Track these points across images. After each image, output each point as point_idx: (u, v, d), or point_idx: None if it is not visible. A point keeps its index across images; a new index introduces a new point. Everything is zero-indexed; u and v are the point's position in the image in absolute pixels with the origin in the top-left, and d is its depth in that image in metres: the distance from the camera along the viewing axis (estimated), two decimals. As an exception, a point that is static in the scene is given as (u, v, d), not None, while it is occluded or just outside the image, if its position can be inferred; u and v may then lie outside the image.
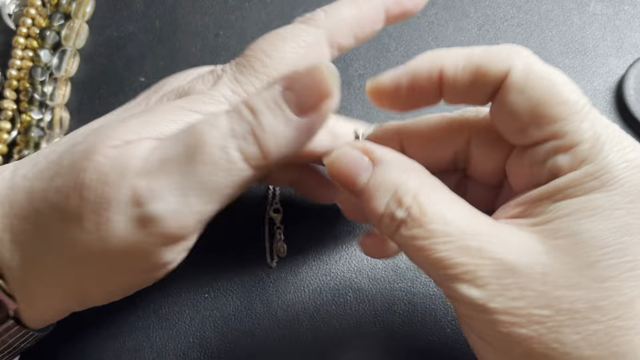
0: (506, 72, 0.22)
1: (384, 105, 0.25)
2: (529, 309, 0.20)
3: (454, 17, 0.48)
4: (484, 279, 0.21)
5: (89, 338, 0.36)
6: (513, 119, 0.23)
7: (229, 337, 0.36)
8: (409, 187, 0.22)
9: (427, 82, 0.24)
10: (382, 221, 0.22)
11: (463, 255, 0.21)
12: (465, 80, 0.23)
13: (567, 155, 0.22)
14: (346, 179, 0.24)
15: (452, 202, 0.22)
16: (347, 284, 0.37)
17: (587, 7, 0.48)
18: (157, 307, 0.37)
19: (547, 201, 0.22)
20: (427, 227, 0.21)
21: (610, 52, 0.46)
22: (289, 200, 0.41)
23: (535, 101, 0.22)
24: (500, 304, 0.20)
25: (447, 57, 0.23)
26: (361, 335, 0.36)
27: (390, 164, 0.23)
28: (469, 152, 0.26)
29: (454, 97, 0.24)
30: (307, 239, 0.39)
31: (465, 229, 0.21)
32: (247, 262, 0.38)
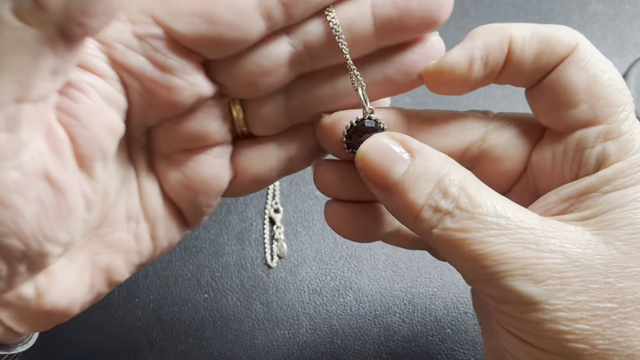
0: (573, 47, 0.22)
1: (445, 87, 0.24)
2: (594, 303, 0.19)
3: (454, 17, 0.48)
4: (543, 274, 0.19)
5: (89, 338, 0.36)
6: (568, 95, 0.22)
7: (229, 337, 0.36)
8: (453, 178, 0.21)
9: (500, 52, 0.22)
10: (422, 214, 0.21)
11: (519, 249, 0.20)
12: (532, 52, 0.22)
13: (616, 143, 0.22)
14: (378, 171, 0.22)
15: (499, 196, 0.21)
16: (347, 284, 0.37)
17: (588, 6, 0.48)
18: (157, 307, 0.37)
19: (595, 194, 0.21)
20: (479, 218, 0.20)
21: (610, 52, 0.46)
22: (289, 200, 0.41)
23: (595, 80, 0.22)
24: (562, 300, 0.19)
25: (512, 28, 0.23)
26: (361, 336, 0.36)
27: (431, 154, 0.22)
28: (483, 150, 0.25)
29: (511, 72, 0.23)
30: (307, 239, 0.39)
31: (519, 222, 0.20)
32: (247, 262, 0.38)
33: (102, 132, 0.21)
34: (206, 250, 0.39)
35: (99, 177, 0.22)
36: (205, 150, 0.25)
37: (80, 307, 0.24)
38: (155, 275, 0.38)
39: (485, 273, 0.20)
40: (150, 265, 0.38)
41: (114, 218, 0.24)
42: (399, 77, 0.24)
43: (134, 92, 0.22)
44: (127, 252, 0.25)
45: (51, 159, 0.20)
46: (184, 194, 0.25)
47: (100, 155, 0.21)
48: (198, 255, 0.39)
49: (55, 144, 0.20)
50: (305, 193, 0.41)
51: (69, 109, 0.20)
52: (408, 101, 0.43)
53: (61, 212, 0.20)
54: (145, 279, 0.38)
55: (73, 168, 0.21)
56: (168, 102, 0.22)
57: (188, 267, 0.38)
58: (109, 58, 0.21)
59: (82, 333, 0.36)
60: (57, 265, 0.22)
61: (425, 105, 0.43)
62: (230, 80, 0.23)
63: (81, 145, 0.20)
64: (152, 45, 0.21)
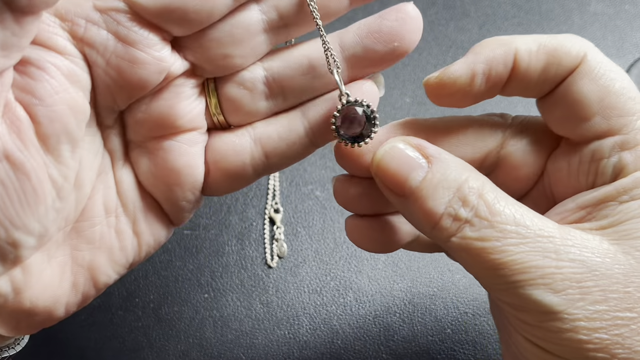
0: (581, 57, 0.22)
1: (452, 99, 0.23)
2: (614, 312, 0.19)
3: (455, 17, 0.48)
4: (563, 284, 0.19)
5: (89, 338, 0.36)
6: (580, 107, 0.22)
7: (229, 337, 0.36)
8: (472, 185, 0.21)
9: (503, 67, 0.22)
10: (442, 222, 0.21)
11: (538, 258, 0.20)
12: (539, 66, 0.22)
13: (633, 153, 0.21)
14: (395, 178, 0.22)
15: (517, 204, 0.21)
16: (347, 284, 0.37)
17: (588, 6, 0.48)
18: (157, 307, 0.37)
19: (612, 203, 0.21)
20: (499, 227, 0.20)
21: (611, 52, 0.46)
22: (289, 200, 0.41)
23: (607, 91, 0.21)
24: (581, 309, 0.19)
25: (518, 42, 0.22)
26: (361, 336, 0.36)
27: (449, 161, 0.22)
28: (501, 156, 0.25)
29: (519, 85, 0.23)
30: (307, 239, 0.39)
31: (538, 231, 0.20)
32: (247, 262, 0.38)
33: (66, 112, 0.20)
34: (206, 250, 0.39)
35: (67, 162, 0.21)
36: (177, 136, 0.24)
37: (65, 309, 0.23)
38: (155, 275, 0.38)
39: (504, 282, 0.20)
40: (150, 265, 0.38)
41: (92, 211, 0.23)
42: (379, 47, 0.23)
43: (99, 70, 0.21)
44: (109, 249, 0.24)
45: (10, 138, 0.19)
46: (158, 186, 0.24)
47: (66, 137, 0.21)
48: (198, 255, 0.39)
49: (15, 124, 0.19)
50: (305, 193, 0.41)
51: (29, 88, 0.20)
52: (408, 101, 0.43)
53: (27, 197, 0.20)
54: (145, 279, 0.38)
55: (36, 149, 0.20)
56: (133, 78, 0.22)
57: (188, 267, 0.38)
58: (71, 35, 0.21)
59: (82, 333, 0.36)
60: (34, 260, 0.22)
61: (425, 105, 0.43)
62: (202, 55, 0.23)
63: (44, 124, 0.20)
64: (114, 18, 0.21)
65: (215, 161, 0.25)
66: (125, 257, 0.25)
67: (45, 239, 0.22)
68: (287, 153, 0.25)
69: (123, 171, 0.25)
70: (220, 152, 0.25)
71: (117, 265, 0.24)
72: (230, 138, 0.25)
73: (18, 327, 0.23)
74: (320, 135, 0.25)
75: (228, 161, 0.25)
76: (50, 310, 0.23)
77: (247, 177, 0.25)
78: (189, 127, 0.24)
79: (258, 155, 0.25)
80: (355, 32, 0.24)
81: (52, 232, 0.22)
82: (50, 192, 0.21)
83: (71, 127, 0.21)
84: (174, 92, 0.23)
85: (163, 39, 0.22)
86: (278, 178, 0.41)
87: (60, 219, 0.22)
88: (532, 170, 0.25)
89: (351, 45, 0.24)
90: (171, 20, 0.21)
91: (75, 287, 0.23)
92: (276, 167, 0.25)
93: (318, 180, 0.41)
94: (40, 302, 0.22)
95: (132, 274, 0.38)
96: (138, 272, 0.38)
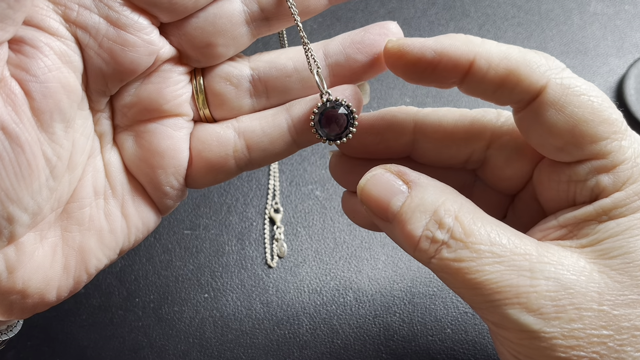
0: (542, 86, 0.21)
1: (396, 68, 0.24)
2: (589, 330, 0.20)
3: (455, 17, 0.48)
4: (538, 302, 0.20)
5: (89, 338, 0.36)
6: (551, 137, 0.22)
7: (228, 337, 0.36)
8: (449, 208, 0.21)
9: (453, 67, 0.22)
10: (420, 244, 0.21)
11: (513, 276, 0.20)
12: (496, 80, 0.22)
13: (611, 176, 0.21)
14: (379, 203, 0.23)
15: (495, 223, 0.21)
16: (347, 284, 0.37)
17: (588, 6, 0.48)
18: (157, 307, 0.37)
19: (592, 222, 0.21)
20: (473, 248, 0.20)
21: (610, 52, 0.46)
22: (289, 200, 0.41)
23: (576, 120, 0.21)
24: (557, 327, 0.20)
25: (482, 49, 0.22)
26: (361, 336, 0.36)
27: (427, 186, 0.22)
28: (487, 155, 0.26)
29: (474, 90, 0.23)
30: (307, 239, 0.39)
31: (514, 249, 0.20)
32: (247, 262, 0.38)
33: (59, 89, 0.21)
34: (206, 250, 0.39)
35: (61, 141, 0.22)
36: (162, 119, 0.25)
37: (57, 292, 0.24)
38: (156, 275, 0.38)
39: (483, 301, 0.21)
40: (150, 265, 0.38)
41: (81, 192, 0.24)
42: (360, 56, 0.25)
43: (91, 52, 0.22)
44: (99, 232, 0.24)
45: (6, 111, 0.20)
46: (142, 168, 0.25)
47: (59, 116, 0.21)
48: (198, 255, 0.39)
49: (10, 98, 0.20)
50: (305, 193, 0.41)
51: (23, 65, 0.21)
52: (408, 101, 0.43)
53: (22, 170, 0.20)
54: (145, 279, 0.38)
55: (31, 124, 0.21)
56: (125, 60, 0.23)
57: (188, 267, 0.38)
58: (64, 18, 0.22)
59: (82, 333, 0.36)
60: (27, 239, 0.22)
61: (425, 105, 0.43)
62: (186, 42, 0.24)
63: (37, 100, 0.21)
64: (105, 3, 0.22)
65: (198, 150, 0.26)
66: (115, 240, 0.25)
67: (39, 217, 0.22)
68: (270, 148, 0.26)
69: (111, 154, 0.25)
70: (204, 141, 0.25)
71: (107, 249, 0.25)
72: (215, 129, 0.26)
73: (11, 309, 0.23)
74: (302, 133, 0.25)
75: (211, 151, 0.25)
76: (42, 292, 0.23)
77: (229, 170, 0.26)
78: (174, 112, 0.25)
79: (241, 148, 0.25)
80: (339, 41, 0.25)
81: (46, 211, 0.23)
82: (44, 169, 0.21)
83: (63, 105, 0.21)
84: (162, 77, 0.24)
85: (152, 22, 0.23)
86: (278, 178, 0.41)
87: (54, 199, 0.23)
88: (517, 173, 0.25)
89: (334, 53, 0.25)
90: (159, 5, 0.22)
91: (66, 269, 0.24)
92: (258, 163, 0.26)
93: (318, 180, 0.41)
94: (33, 283, 0.23)
95: (133, 274, 0.38)
96: (138, 272, 0.38)
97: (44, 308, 0.24)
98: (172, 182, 0.25)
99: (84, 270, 0.24)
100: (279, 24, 0.25)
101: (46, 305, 0.24)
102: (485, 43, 0.22)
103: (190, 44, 0.24)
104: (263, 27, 0.25)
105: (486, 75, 0.22)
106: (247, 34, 0.24)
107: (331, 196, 0.41)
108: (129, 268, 0.38)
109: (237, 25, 0.24)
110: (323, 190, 0.41)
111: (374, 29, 0.25)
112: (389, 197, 0.22)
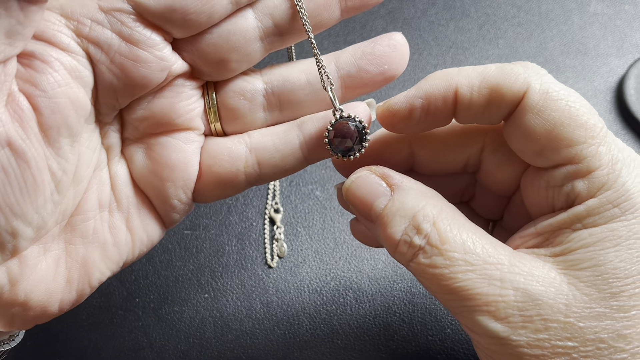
0: (523, 92, 0.22)
1: (396, 128, 0.25)
2: (554, 341, 0.20)
3: (455, 17, 0.48)
4: (506, 311, 0.20)
5: (89, 338, 0.36)
6: (529, 141, 0.22)
7: (229, 337, 0.36)
8: (427, 213, 0.22)
9: (442, 103, 0.23)
10: (399, 248, 0.22)
11: (484, 285, 0.20)
12: (481, 101, 0.23)
13: (585, 181, 0.21)
14: (363, 204, 0.23)
15: (472, 230, 0.22)
16: (347, 284, 0.37)
17: (588, 6, 0.48)
18: (157, 307, 0.37)
19: (567, 230, 0.22)
20: (447, 255, 0.21)
21: (610, 52, 0.46)
22: (289, 200, 0.41)
23: (552, 124, 0.21)
24: (523, 337, 0.20)
25: (461, 77, 0.23)
26: (361, 335, 0.36)
27: (409, 190, 0.23)
28: (481, 159, 0.26)
29: (467, 117, 0.24)
30: (307, 239, 0.39)
31: (487, 258, 0.21)
32: (247, 262, 0.38)
33: (67, 105, 0.21)
34: (206, 250, 0.39)
35: (67, 156, 0.22)
36: (174, 133, 0.25)
37: (59, 305, 0.24)
38: (156, 275, 0.38)
39: (456, 306, 0.21)
40: (150, 265, 0.38)
41: (86, 205, 0.24)
42: (372, 68, 0.25)
43: (103, 67, 0.22)
44: (102, 245, 0.24)
45: (13, 127, 0.20)
46: (151, 181, 0.25)
47: (66, 131, 0.21)
48: (198, 255, 0.39)
49: (18, 113, 0.20)
50: (305, 193, 0.41)
51: (33, 79, 0.20)
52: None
53: (27, 185, 0.20)
54: (146, 279, 0.38)
55: (37, 139, 0.20)
56: (136, 76, 0.22)
57: (188, 267, 0.38)
58: (76, 34, 0.22)
59: (82, 333, 0.36)
60: (30, 252, 0.22)
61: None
62: (199, 58, 0.24)
63: (45, 115, 0.20)
64: (118, 18, 0.22)
65: (209, 165, 0.25)
66: (119, 254, 0.25)
67: (43, 231, 0.22)
68: (280, 164, 0.26)
69: (118, 167, 0.25)
70: (215, 156, 0.25)
71: (110, 262, 0.25)
72: (226, 143, 0.26)
73: (12, 321, 0.23)
74: (313, 150, 0.26)
75: (222, 166, 0.25)
76: (44, 305, 0.23)
77: (239, 185, 0.26)
78: (186, 126, 0.25)
79: (252, 164, 0.25)
80: (350, 53, 0.25)
81: (50, 225, 0.22)
82: (49, 184, 0.21)
83: (71, 120, 0.21)
84: (175, 92, 0.24)
85: (165, 39, 0.23)
86: (278, 178, 0.41)
87: (58, 212, 0.23)
88: (507, 178, 0.25)
89: (346, 65, 0.25)
90: (173, 21, 0.22)
91: (69, 282, 0.24)
92: (267, 178, 0.26)
93: (318, 180, 0.41)
94: (35, 295, 0.22)
95: (133, 274, 0.38)
96: (138, 272, 0.38)
97: (46, 319, 0.24)
98: (180, 195, 0.25)
99: (87, 283, 0.24)
100: (292, 38, 0.25)
101: (48, 317, 0.24)
102: (462, 71, 0.23)
103: (203, 60, 0.24)
104: (276, 42, 0.25)
105: (472, 100, 0.23)
106: (260, 50, 0.25)
107: (331, 196, 0.41)
108: (129, 268, 0.38)
109: (251, 41, 0.24)
110: (323, 190, 0.41)
111: (383, 40, 0.25)
112: (373, 198, 0.23)
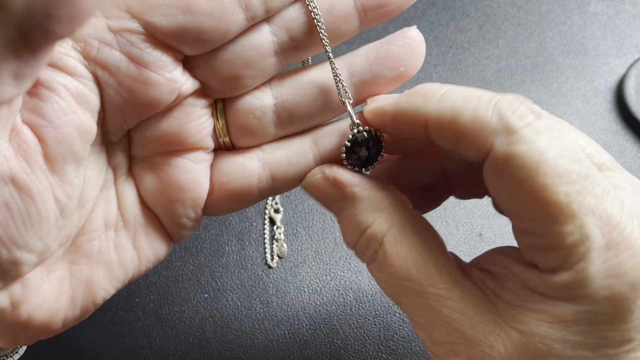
0: (489, 148, 0.19)
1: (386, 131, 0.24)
2: None
3: (455, 17, 0.48)
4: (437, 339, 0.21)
5: (89, 338, 0.36)
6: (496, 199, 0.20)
7: (229, 337, 0.36)
8: (376, 232, 0.22)
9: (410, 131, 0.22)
10: (356, 253, 0.23)
11: (422, 310, 0.21)
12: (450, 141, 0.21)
13: (545, 256, 0.19)
14: (322, 204, 0.24)
15: (421, 250, 0.22)
16: (347, 284, 0.37)
17: (588, 6, 0.48)
18: (157, 307, 0.37)
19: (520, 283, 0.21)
20: (391, 276, 0.22)
21: (610, 52, 0.46)
22: (289, 200, 0.41)
23: (512, 193, 0.19)
24: None
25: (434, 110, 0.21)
26: (361, 335, 0.36)
27: (361, 202, 0.23)
28: None
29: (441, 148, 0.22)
30: (307, 239, 0.39)
31: (428, 287, 0.21)
32: (247, 262, 0.38)
33: (73, 133, 0.20)
34: (206, 250, 0.39)
35: (71, 181, 0.21)
36: (183, 153, 0.24)
37: (62, 323, 0.23)
38: (156, 275, 0.38)
39: None
40: (150, 265, 0.38)
41: (91, 225, 0.23)
42: (387, 72, 0.24)
43: (110, 90, 0.21)
44: (107, 264, 0.24)
45: (17, 162, 0.19)
46: (160, 201, 0.24)
47: (72, 158, 0.21)
48: (198, 255, 0.39)
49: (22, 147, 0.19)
50: (305, 193, 0.41)
51: (38, 109, 0.20)
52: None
53: (31, 218, 0.20)
54: (146, 279, 0.38)
55: (42, 171, 0.20)
56: (145, 99, 0.22)
57: (188, 267, 0.38)
58: (83, 56, 0.21)
59: (82, 333, 0.36)
60: (34, 275, 0.22)
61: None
62: (212, 75, 0.23)
63: (51, 146, 0.20)
64: (127, 39, 0.21)
65: (221, 182, 0.25)
66: (124, 272, 0.24)
67: (46, 255, 0.22)
68: (295, 178, 0.25)
69: (125, 185, 0.24)
70: (228, 174, 0.25)
71: (115, 280, 0.24)
72: (239, 160, 0.25)
73: (15, 339, 0.23)
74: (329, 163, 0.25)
75: (236, 183, 0.25)
76: (47, 324, 0.23)
77: (252, 199, 0.25)
78: (197, 146, 0.24)
79: (265, 179, 0.25)
80: (363, 57, 0.24)
81: (54, 248, 0.22)
82: (54, 212, 0.21)
83: (77, 147, 0.21)
84: (185, 112, 0.23)
85: (175, 59, 0.22)
86: (278, 178, 0.41)
87: (62, 235, 0.22)
88: None
89: (360, 71, 0.24)
90: (185, 40, 0.21)
91: (73, 302, 0.23)
92: (280, 191, 0.26)
93: (318, 181, 0.41)
94: (38, 315, 0.22)
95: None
96: (138, 272, 0.38)
97: (50, 336, 0.23)
98: (189, 214, 0.25)
99: (91, 302, 0.24)
100: (308, 52, 0.24)
101: (52, 334, 0.23)
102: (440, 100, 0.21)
103: (216, 77, 0.23)
104: (292, 56, 0.24)
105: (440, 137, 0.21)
106: (275, 64, 0.23)
107: (331, 196, 0.41)
108: (129, 268, 0.38)
109: (266, 56, 0.23)
110: (323, 190, 0.41)
111: (397, 40, 0.24)
112: (329, 203, 0.24)
